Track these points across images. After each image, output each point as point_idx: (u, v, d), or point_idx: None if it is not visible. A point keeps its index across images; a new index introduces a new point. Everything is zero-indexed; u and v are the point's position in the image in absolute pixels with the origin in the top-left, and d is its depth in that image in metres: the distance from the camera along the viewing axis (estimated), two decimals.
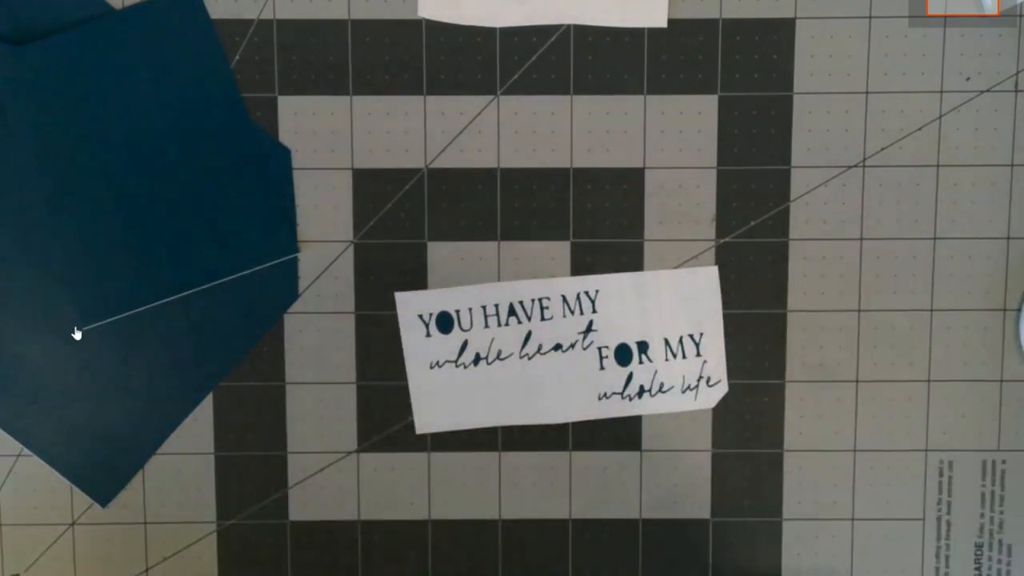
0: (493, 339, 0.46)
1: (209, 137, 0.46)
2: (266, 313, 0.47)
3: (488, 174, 0.46)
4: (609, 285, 0.46)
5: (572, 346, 0.46)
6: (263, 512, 0.47)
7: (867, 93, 0.46)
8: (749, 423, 0.47)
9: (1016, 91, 0.46)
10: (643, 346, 0.46)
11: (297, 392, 0.47)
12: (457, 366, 0.46)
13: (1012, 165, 0.46)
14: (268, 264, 0.46)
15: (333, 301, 0.47)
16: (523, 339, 0.46)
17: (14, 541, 0.47)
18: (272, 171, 0.46)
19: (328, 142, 0.46)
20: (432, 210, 0.46)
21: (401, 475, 0.47)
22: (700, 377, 0.46)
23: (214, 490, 0.47)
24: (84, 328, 0.46)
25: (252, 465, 0.47)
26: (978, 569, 0.48)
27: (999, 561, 0.48)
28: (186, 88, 0.45)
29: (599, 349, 0.46)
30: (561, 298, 0.46)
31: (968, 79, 0.46)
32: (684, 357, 0.46)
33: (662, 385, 0.46)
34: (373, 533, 0.48)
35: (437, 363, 0.46)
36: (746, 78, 0.46)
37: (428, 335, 0.46)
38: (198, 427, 0.47)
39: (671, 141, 0.46)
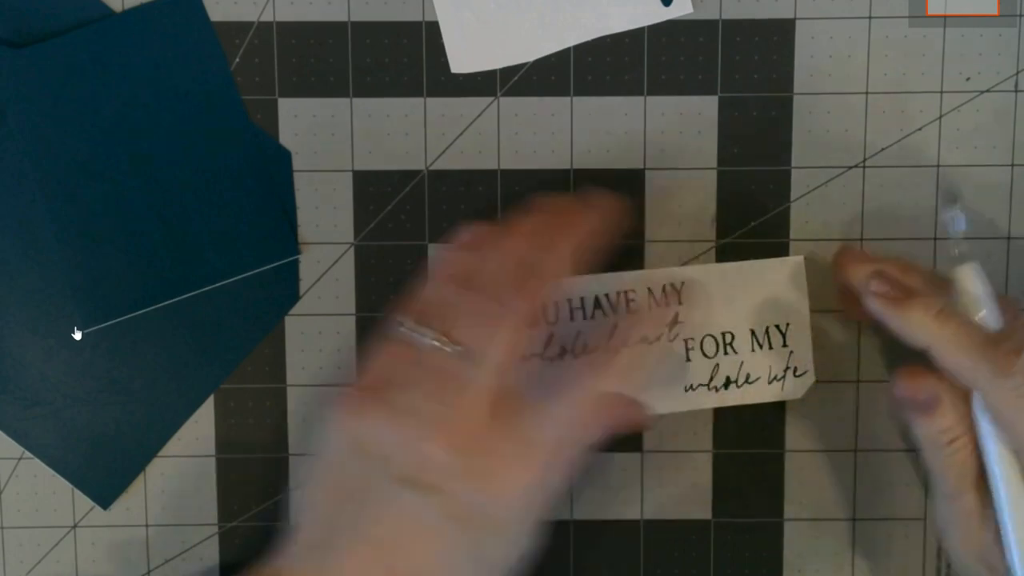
0: (579, 332, 0.46)
1: (209, 139, 0.46)
2: (267, 315, 0.47)
3: (488, 176, 0.46)
4: (695, 277, 0.46)
5: (658, 338, 0.46)
6: (265, 514, 0.47)
7: (867, 93, 0.46)
8: (750, 424, 0.47)
9: (1016, 91, 0.46)
10: (729, 337, 0.46)
11: (298, 394, 0.47)
12: (543, 359, 0.46)
13: (1012, 165, 0.46)
14: (269, 266, 0.46)
15: (334, 303, 0.47)
16: (609, 332, 0.46)
17: (16, 544, 0.47)
18: (273, 173, 0.46)
19: (328, 144, 0.46)
20: (433, 212, 0.46)
21: None
22: (787, 367, 0.46)
23: (215, 492, 0.47)
24: (85, 331, 0.46)
25: (253, 467, 0.47)
26: None
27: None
28: (186, 90, 0.45)
29: (685, 341, 0.46)
30: (647, 291, 0.46)
31: (968, 79, 0.46)
32: (771, 348, 0.46)
33: (748, 376, 0.46)
34: None
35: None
36: (746, 78, 0.46)
37: None
38: (199, 429, 0.47)
39: (671, 142, 0.46)
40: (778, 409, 0.47)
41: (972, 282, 0.41)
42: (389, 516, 0.38)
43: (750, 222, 0.47)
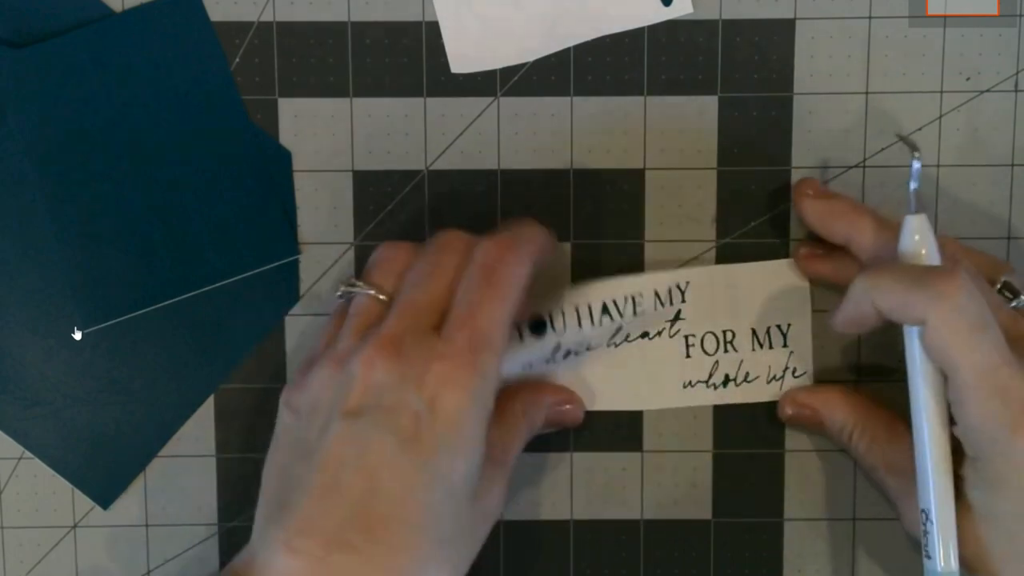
0: (586, 338, 0.46)
1: (209, 139, 0.46)
2: (267, 315, 0.47)
3: (488, 176, 0.46)
4: (700, 277, 0.46)
5: (659, 334, 0.46)
6: None
7: (867, 93, 0.46)
8: (750, 423, 0.47)
9: (1016, 91, 0.46)
10: (730, 335, 0.46)
11: None
12: (547, 363, 0.46)
13: (1012, 165, 0.46)
14: (269, 266, 0.46)
15: (334, 303, 0.47)
16: (612, 332, 0.46)
17: (16, 544, 0.47)
18: (273, 173, 0.46)
19: (328, 144, 0.46)
20: (432, 212, 0.46)
21: None
22: (786, 368, 0.46)
23: (215, 492, 0.47)
24: (85, 331, 0.46)
25: (254, 467, 0.47)
26: None
27: None
28: (186, 90, 0.45)
29: (686, 337, 0.46)
30: (654, 293, 0.46)
31: (968, 79, 0.46)
32: (771, 347, 0.46)
33: (747, 375, 0.46)
34: None
35: (530, 364, 0.46)
36: (746, 78, 0.46)
37: (521, 339, 0.46)
38: (199, 429, 0.47)
39: (671, 142, 0.46)
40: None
41: (920, 231, 0.40)
42: (334, 455, 0.38)
43: (750, 222, 0.47)
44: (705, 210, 0.47)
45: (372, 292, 0.41)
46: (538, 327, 0.46)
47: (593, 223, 0.46)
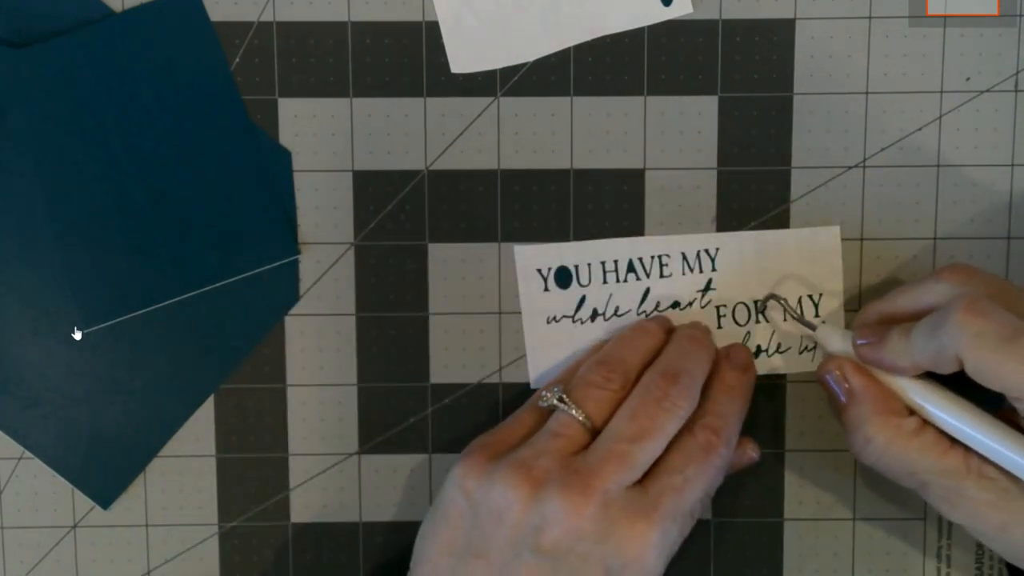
0: (611, 295, 0.46)
1: (209, 140, 0.46)
2: (267, 315, 0.47)
3: (488, 176, 0.46)
4: (730, 243, 0.46)
5: (690, 304, 0.46)
6: (265, 514, 0.47)
7: (867, 93, 0.46)
8: (750, 423, 0.47)
9: (1016, 91, 0.46)
10: (762, 306, 0.46)
11: (298, 394, 0.47)
12: (574, 321, 0.46)
13: (1012, 165, 0.46)
14: (269, 266, 0.46)
15: (334, 303, 0.47)
16: (641, 296, 0.46)
17: (16, 544, 0.47)
18: (273, 173, 0.46)
19: (328, 144, 0.46)
20: (432, 212, 0.46)
21: (402, 476, 0.47)
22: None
23: (215, 492, 0.47)
24: (85, 331, 0.46)
25: (253, 467, 0.47)
26: (979, 569, 0.48)
27: (1000, 560, 0.48)
28: (186, 90, 0.45)
29: (717, 308, 0.46)
30: (681, 255, 0.46)
31: (968, 79, 0.46)
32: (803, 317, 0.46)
33: (779, 345, 0.46)
34: (375, 534, 0.48)
35: (554, 318, 0.46)
36: (746, 78, 0.46)
37: (546, 289, 0.46)
38: (199, 429, 0.47)
39: (671, 142, 0.46)
40: (778, 409, 0.47)
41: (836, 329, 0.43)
42: None
43: (750, 222, 0.47)
44: (705, 210, 0.47)
45: (581, 419, 0.42)
46: (563, 277, 0.46)
47: (593, 223, 0.46)
